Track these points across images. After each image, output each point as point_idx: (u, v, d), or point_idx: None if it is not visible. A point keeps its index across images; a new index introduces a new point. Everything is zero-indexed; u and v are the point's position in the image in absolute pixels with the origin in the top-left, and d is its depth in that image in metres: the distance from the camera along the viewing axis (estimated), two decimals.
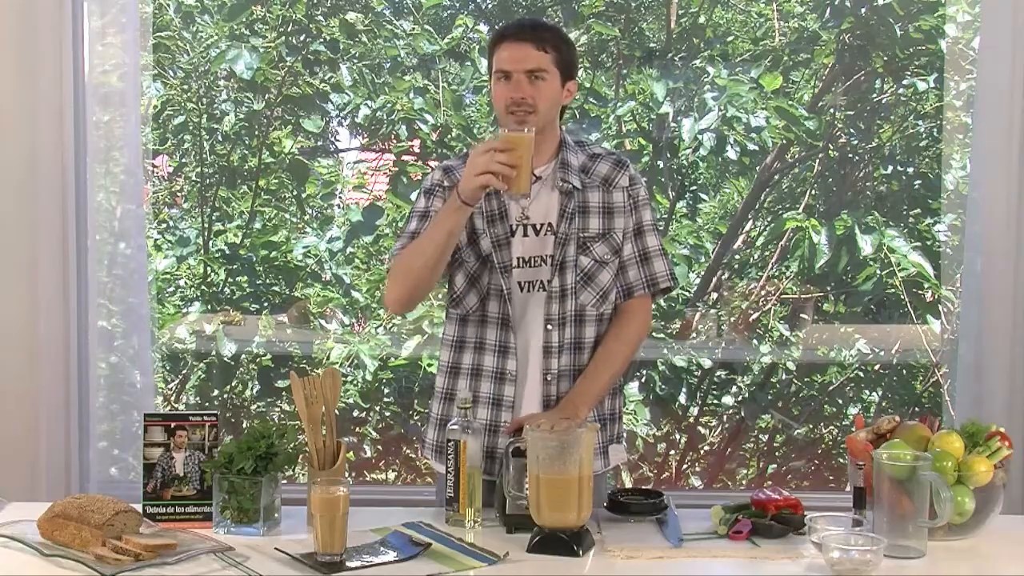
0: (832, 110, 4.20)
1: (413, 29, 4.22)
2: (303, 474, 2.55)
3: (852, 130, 4.21)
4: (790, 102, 4.14)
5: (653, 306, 2.76)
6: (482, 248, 2.58)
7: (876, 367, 4.23)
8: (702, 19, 4.27)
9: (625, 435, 2.77)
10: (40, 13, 3.34)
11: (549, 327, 2.57)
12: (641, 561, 2.21)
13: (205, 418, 2.45)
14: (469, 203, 2.44)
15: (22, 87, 3.37)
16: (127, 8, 3.49)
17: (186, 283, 4.25)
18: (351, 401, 4.19)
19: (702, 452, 4.30)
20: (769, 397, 4.23)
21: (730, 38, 4.25)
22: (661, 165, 4.23)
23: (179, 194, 4.29)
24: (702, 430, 4.31)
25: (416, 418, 4.24)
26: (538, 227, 2.59)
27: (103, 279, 3.54)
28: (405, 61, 4.21)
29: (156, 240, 4.16)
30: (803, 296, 4.21)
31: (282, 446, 2.37)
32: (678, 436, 4.29)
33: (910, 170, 4.16)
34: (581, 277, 2.60)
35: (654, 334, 4.17)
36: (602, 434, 2.65)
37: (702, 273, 4.26)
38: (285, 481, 2.44)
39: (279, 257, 4.25)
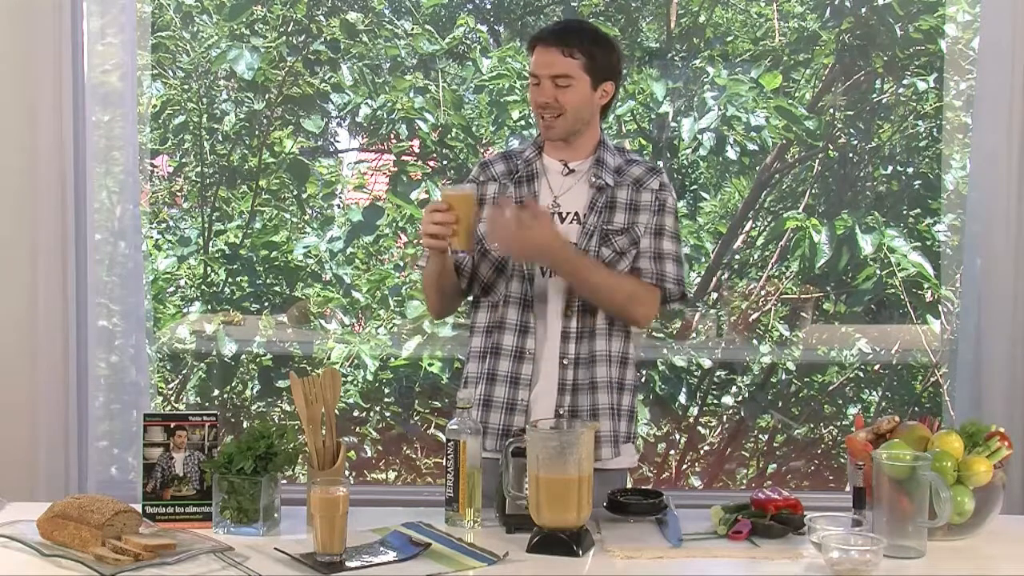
0: (832, 110, 4.20)
1: (413, 29, 4.21)
2: (303, 474, 2.55)
3: (852, 130, 4.20)
4: (790, 102, 4.14)
5: None
6: None
7: (876, 367, 4.23)
8: (702, 19, 4.26)
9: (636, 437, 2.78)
10: (39, 13, 3.34)
11: (568, 313, 2.62)
12: (641, 561, 2.21)
13: (205, 418, 2.45)
14: (434, 256, 2.57)
15: (22, 87, 3.37)
16: (126, 8, 3.49)
17: (186, 283, 4.24)
18: (351, 401, 4.18)
19: (702, 452, 4.30)
20: (769, 397, 4.23)
21: (730, 38, 4.25)
22: (661, 165, 4.22)
23: (179, 194, 4.28)
24: (702, 430, 4.30)
25: (416, 418, 4.24)
26: (564, 215, 2.64)
27: (103, 279, 3.53)
28: (405, 61, 4.21)
29: (156, 240, 4.16)
30: (803, 296, 4.21)
31: (282, 446, 2.37)
32: (678, 436, 4.29)
33: (910, 170, 4.16)
34: None
35: (654, 334, 4.17)
36: (615, 425, 2.65)
37: (702, 273, 4.26)
38: (285, 481, 2.44)
39: (279, 257, 4.25)
